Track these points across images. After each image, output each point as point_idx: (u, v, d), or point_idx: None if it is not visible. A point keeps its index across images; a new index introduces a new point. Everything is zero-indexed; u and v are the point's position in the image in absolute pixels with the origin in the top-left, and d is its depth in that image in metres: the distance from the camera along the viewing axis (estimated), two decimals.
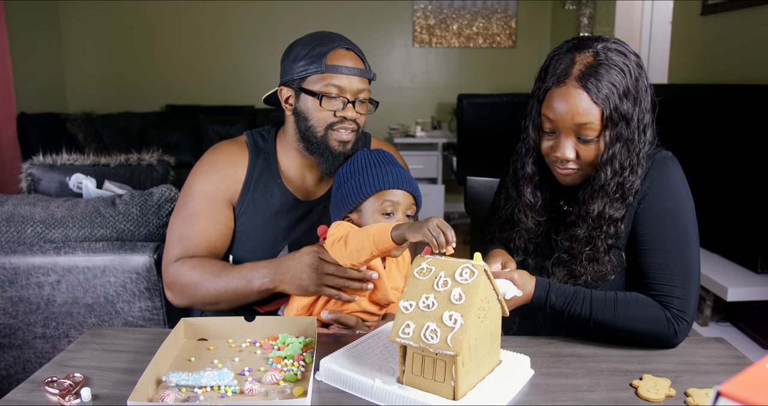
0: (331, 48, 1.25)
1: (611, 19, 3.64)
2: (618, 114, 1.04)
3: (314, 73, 1.25)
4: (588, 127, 1.05)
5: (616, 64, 1.04)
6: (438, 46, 5.19)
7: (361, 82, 1.27)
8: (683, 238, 1.10)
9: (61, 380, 0.98)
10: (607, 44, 1.07)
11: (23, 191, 2.14)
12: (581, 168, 1.11)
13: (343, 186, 1.20)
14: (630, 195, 1.11)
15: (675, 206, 1.11)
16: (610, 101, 1.03)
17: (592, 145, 1.07)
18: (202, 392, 0.95)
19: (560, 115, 1.06)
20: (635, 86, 1.06)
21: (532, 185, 1.20)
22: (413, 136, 4.84)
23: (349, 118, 1.26)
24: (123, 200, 1.69)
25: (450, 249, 0.94)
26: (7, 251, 1.57)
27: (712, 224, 2.28)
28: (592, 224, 1.12)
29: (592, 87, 1.03)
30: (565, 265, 1.16)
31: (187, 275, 1.25)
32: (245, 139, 1.39)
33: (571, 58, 1.07)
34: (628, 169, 1.09)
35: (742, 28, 2.38)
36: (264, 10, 5.05)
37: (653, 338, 1.09)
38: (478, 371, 0.93)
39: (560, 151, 1.09)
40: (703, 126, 2.34)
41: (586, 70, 1.04)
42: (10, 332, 1.61)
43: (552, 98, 1.07)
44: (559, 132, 1.09)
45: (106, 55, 5.19)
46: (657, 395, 0.92)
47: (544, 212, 1.21)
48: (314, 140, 1.28)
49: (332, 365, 0.98)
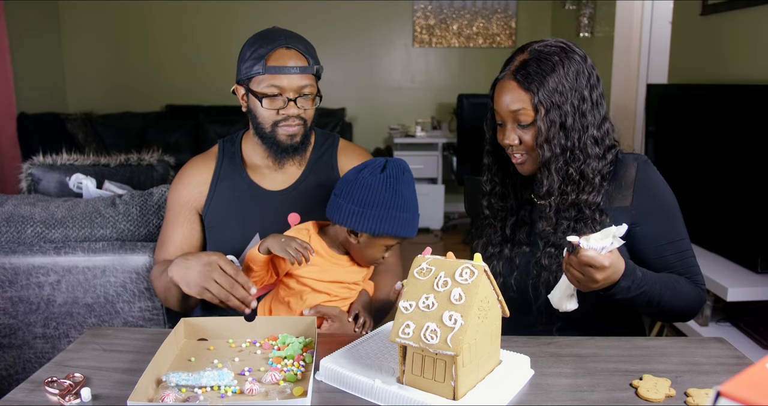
0: (271, 49, 1.30)
1: (611, 19, 3.64)
2: (549, 100, 1.16)
3: (256, 75, 1.31)
4: (522, 112, 1.18)
5: (548, 59, 1.17)
6: (438, 46, 5.19)
7: (303, 79, 1.32)
8: (682, 224, 1.25)
9: (61, 380, 0.98)
10: (547, 42, 1.21)
11: (23, 191, 2.14)
12: (528, 153, 1.22)
13: (359, 205, 1.21)
14: (596, 180, 1.20)
15: (669, 200, 1.25)
16: (539, 89, 1.16)
17: (531, 130, 1.20)
18: (202, 392, 0.95)
19: (500, 105, 1.21)
20: (572, 77, 1.17)
21: (490, 174, 1.34)
22: (413, 136, 4.84)
23: (292, 115, 1.33)
24: (123, 200, 1.69)
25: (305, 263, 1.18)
26: (7, 251, 1.57)
27: (713, 224, 2.28)
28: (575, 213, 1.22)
29: (521, 78, 1.17)
30: (556, 258, 1.23)
31: (152, 278, 1.41)
32: (216, 149, 1.49)
33: (513, 58, 1.23)
34: (578, 152, 1.19)
35: (742, 28, 2.38)
36: (264, 10, 5.05)
37: (693, 312, 1.24)
38: (478, 371, 0.93)
39: (506, 137, 1.22)
40: (703, 126, 2.34)
41: (519, 65, 1.19)
42: (10, 332, 1.61)
43: (496, 92, 1.23)
44: (504, 121, 1.22)
45: (106, 55, 5.19)
46: (657, 395, 0.92)
47: (506, 201, 1.33)
48: (264, 135, 1.37)
49: (332, 365, 0.98)
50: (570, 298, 1.11)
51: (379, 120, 5.23)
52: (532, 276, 1.26)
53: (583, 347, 1.11)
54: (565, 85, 1.17)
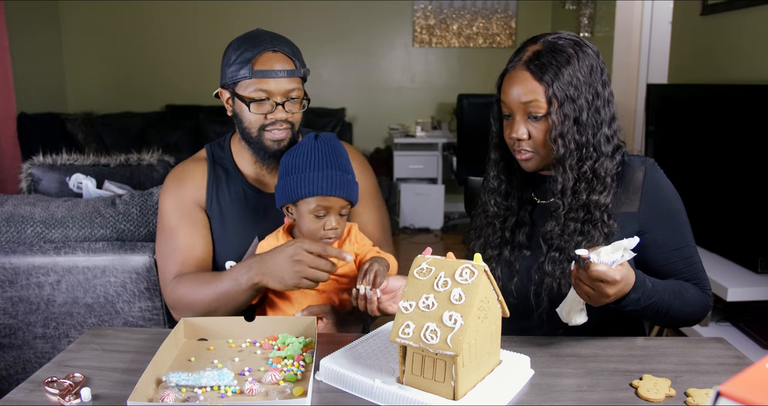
0: (258, 52, 1.28)
1: (611, 19, 3.64)
2: (563, 93, 1.12)
3: (243, 79, 1.29)
4: (534, 104, 1.13)
5: (563, 51, 1.13)
6: (438, 46, 5.19)
7: (290, 83, 1.29)
8: (689, 229, 1.23)
9: (61, 380, 0.98)
10: (560, 35, 1.17)
11: (23, 191, 2.13)
12: (536, 150, 1.18)
13: (284, 178, 1.24)
14: (608, 180, 1.17)
15: (676, 205, 1.22)
16: (554, 80, 1.12)
17: (542, 124, 1.15)
18: (202, 392, 0.95)
19: (510, 96, 1.16)
20: (586, 71, 1.14)
21: (496, 170, 1.29)
22: (413, 136, 4.84)
23: (280, 119, 1.30)
24: (123, 200, 1.69)
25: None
26: (7, 251, 1.56)
27: (713, 224, 2.28)
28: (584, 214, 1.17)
29: (535, 68, 1.13)
30: (560, 264, 1.18)
31: (183, 293, 1.29)
32: (204, 153, 1.46)
33: (524, 48, 1.18)
34: (592, 149, 1.16)
35: (742, 28, 2.38)
36: (264, 10, 5.06)
37: (699, 319, 1.21)
38: (478, 371, 0.93)
39: (514, 131, 1.17)
40: (703, 126, 2.34)
41: (532, 56, 1.15)
42: (10, 332, 1.61)
43: (505, 83, 1.18)
44: (513, 114, 1.17)
45: (106, 55, 5.19)
46: (657, 395, 0.92)
47: (509, 199, 1.29)
48: (251, 140, 1.34)
49: (332, 365, 0.98)
50: (579, 312, 1.07)
51: (379, 120, 5.24)
52: (534, 282, 1.21)
53: (583, 347, 1.11)
54: (579, 79, 1.13)
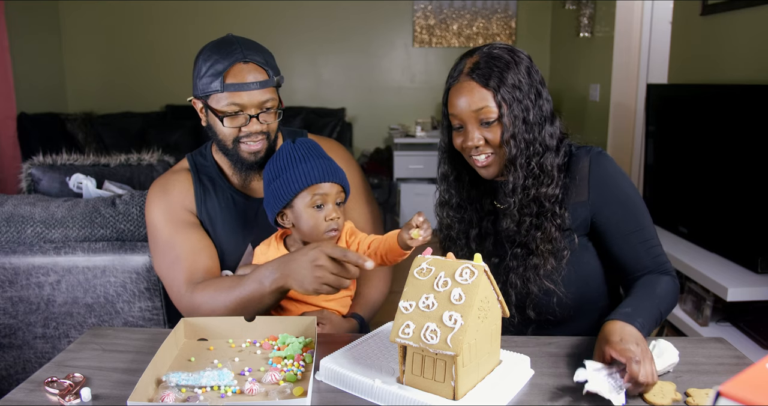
0: (228, 64, 1.24)
1: (611, 19, 3.63)
2: (510, 95, 1.17)
3: (215, 92, 1.25)
4: (485, 110, 1.18)
5: (500, 57, 1.19)
6: (438, 46, 5.19)
7: (264, 94, 1.26)
8: (644, 212, 1.24)
9: (61, 380, 0.98)
10: (494, 45, 1.22)
11: (23, 191, 2.14)
12: (495, 152, 1.21)
13: (273, 183, 1.22)
14: (554, 172, 1.21)
15: (626, 189, 1.24)
16: (500, 85, 1.17)
17: (495, 128, 1.19)
18: (202, 392, 0.95)
19: (459, 107, 1.19)
20: (525, 73, 1.19)
21: (446, 183, 1.33)
22: (413, 136, 4.83)
23: (254, 132, 1.27)
24: (123, 200, 1.69)
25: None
26: (7, 251, 1.57)
27: (713, 224, 2.28)
28: (536, 208, 1.21)
29: (478, 77, 1.18)
30: (522, 258, 1.23)
31: (202, 300, 1.23)
32: (186, 163, 1.43)
33: (461, 62, 1.23)
34: (538, 145, 1.20)
35: (742, 28, 2.38)
36: (263, 10, 5.05)
37: (675, 302, 1.20)
38: (478, 371, 0.93)
39: (469, 139, 1.20)
40: (703, 126, 2.34)
41: (473, 66, 1.19)
42: (10, 332, 1.61)
43: (451, 96, 1.21)
44: (465, 124, 1.21)
45: (106, 55, 5.18)
46: (664, 400, 0.92)
47: (462, 212, 1.32)
48: (227, 151, 1.32)
49: (332, 365, 0.98)
50: (620, 389, 0.92)
51: (379, 120, 5.23)
52: (500, 280, 1.25)
53: (583, 348, 1.11)
54: (521, 81, 1.18)
